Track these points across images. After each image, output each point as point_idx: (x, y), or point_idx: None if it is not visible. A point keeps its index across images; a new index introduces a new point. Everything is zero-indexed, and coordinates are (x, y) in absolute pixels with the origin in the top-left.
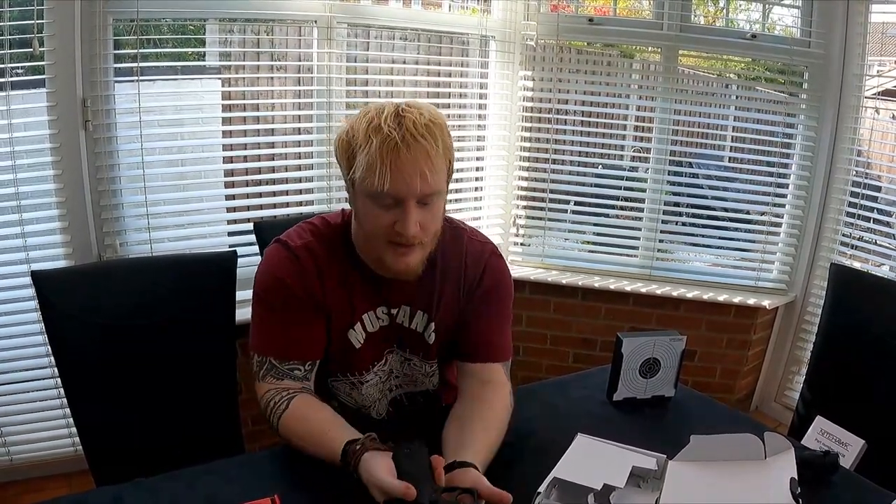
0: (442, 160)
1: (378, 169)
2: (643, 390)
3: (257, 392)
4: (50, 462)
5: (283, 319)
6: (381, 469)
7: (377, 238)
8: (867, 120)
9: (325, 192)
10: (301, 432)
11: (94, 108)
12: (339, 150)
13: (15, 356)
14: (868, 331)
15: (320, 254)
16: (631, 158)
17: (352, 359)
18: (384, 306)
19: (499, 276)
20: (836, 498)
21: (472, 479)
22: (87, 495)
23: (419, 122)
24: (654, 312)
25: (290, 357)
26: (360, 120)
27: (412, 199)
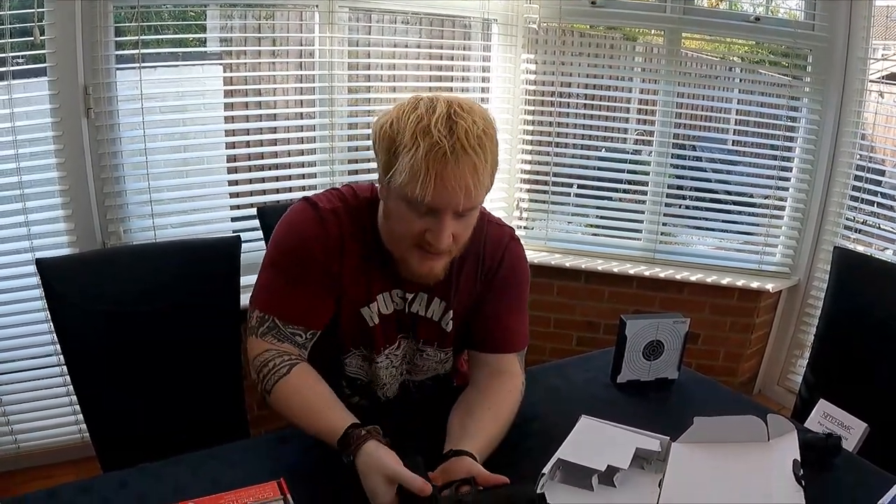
0: (489, 175)
1: (422, 178)
2: (647, 373)
3: (251, 348)
4: (57, 449)
5: (296, 281)
6: (390, 458)
7: (404, 240)
8: (871, 104)
9: (329, 177)
10: (299, 402)
11: (96, 96)
12: (379, 140)
13: (21, 344)
14: (871, 314)
15: (346, 223)
16: (634, 142)
17: (365, 335)
18: (399, 289)
19: (517, 262)
20: (839, 480)
21: (467, 467)
22: (93, 481)
23: (472, 131)
24: (657, 295)
25: (294, 321)
26: (408, 115)
27: (450, 212)
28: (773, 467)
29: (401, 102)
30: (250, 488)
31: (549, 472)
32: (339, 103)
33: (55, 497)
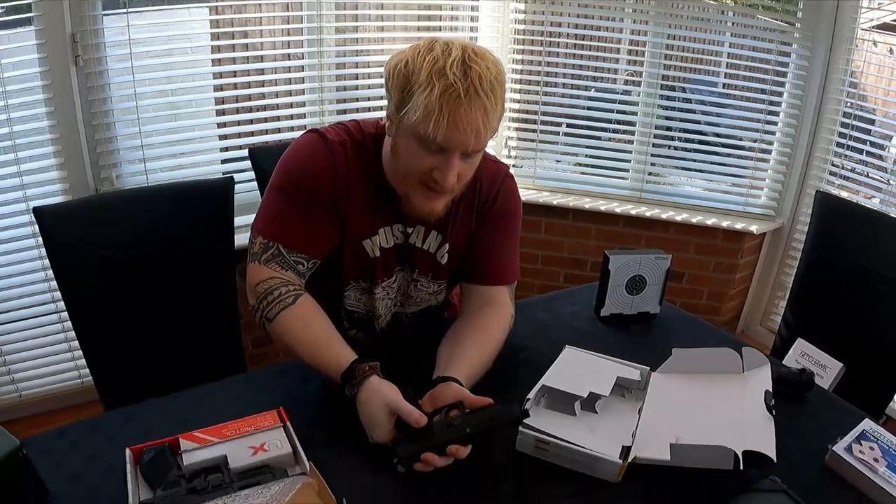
0: (497, 119)
1: (435, 117)
2: (629, 307)
3: (253, 274)
4: (57, 395)
5: (303, 209)
6: (393, 392)
7: (411, 177)
8: (862, 52)
9: (318, 117)
10: (302, 334)
11: (84, 43)
12: (393, 79)
13: (18, 294)
14: (850, 258)
15: (352, 156)
16: (624, 82)
17: (366, 267)
18: (400, 224)
19: (511, 198)
20: (811, 414)
21: (454, 392)
22: (99, 419)
23: (485, 76)
24: (643, 234)
25: (298, 248)
26: (423, 56)
27: (459, 152)
28: (747, 397)
29: (415, 44)
30: (252, 417)
31: (534, 397)
32: (328, 43)
33: (64, 436)
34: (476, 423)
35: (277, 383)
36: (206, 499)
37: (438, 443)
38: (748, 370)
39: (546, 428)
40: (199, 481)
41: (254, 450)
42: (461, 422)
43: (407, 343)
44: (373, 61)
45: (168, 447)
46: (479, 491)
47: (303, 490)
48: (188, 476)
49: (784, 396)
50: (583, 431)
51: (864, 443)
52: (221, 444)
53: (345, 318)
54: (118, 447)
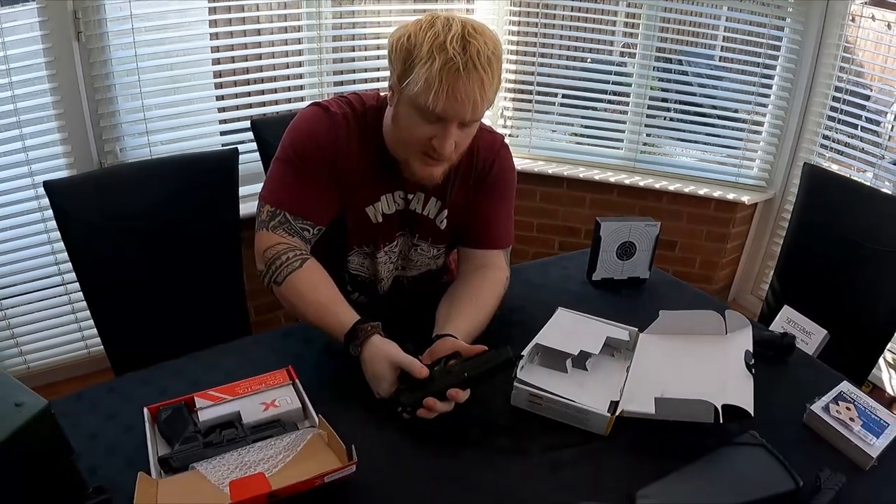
0: (493, 92)
1: (435, 89)
2: (620, 271)
3: (261, 241)
4: (64, 366)
5: (307, 178)
6: (394, 348)
7: (411, 145)
8: (856, 28)
9: (318, 88)
10: (309, 296)
11: (86, 20)
12: (395, 52)
13: (25, 267)
14: (835, 228)
15: (353, 127)
16: (620, 54)
17: (369, 233)
18: (401, 190)
19: (506, 167)
20: (792, 375)
21: (451, 344)
22: (116, 381)
23: (483, 51)
24: (637, 203)
25: (304, 215)
26: (424, 30)
27: (456, 122)
28: (728, 356)
29: (417, 19)
30: (262, 376)
31: (528, 355)
32: (326, 16)
33: (83, 398)
34: (472, 368)
35: (284, 344)
36: (221, 451)
37: (439, 388)
38: (731, 332)
39: (539, 383)
40: (215, 436)
41: (265, 406)
42: (459, 368)
43: (408, 306)
44: (370, 33)
45: (184, 405)
46: (476, 443)
47: (314, 440)
48: (204, 431)
49: (766, 359)
50: (574, 387)
51: (841, 403)
52: (234, 402)
53: (348, 281)
54: (135, 407)
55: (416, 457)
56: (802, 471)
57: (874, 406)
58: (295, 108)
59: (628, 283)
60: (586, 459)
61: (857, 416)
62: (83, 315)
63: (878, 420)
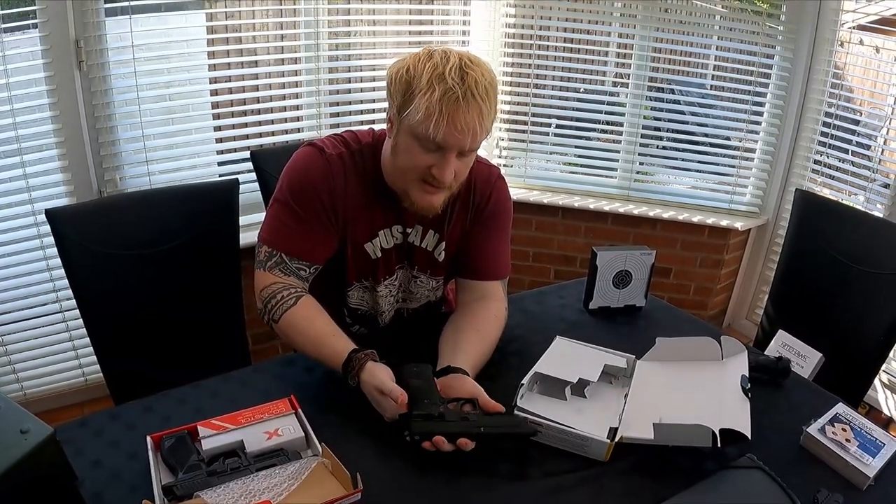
0: (491, 121)
1: (436, 117)
2: (616, 300)
3: (259, 280)
4: (61, 393)
5: (303, 220)
6: (384, 374)
7: (410, 174)
8: (845, 53)
9: (315, 119)
10: (305, 332)
11: (88, 49)
12: (394, 84)
13: (23, 294)
14: (828, 253)
15: (349, 167)
16: (613, 83)
17: (368, 268)
18: (399, 225)
19: (503, 199)
20: (787, 398)
21: (470, 389)
22: (119, 409)
23: (480, 82)
24: (631, 231)
25: (300, 256)
26: (423, 63)
27: (455, 151)
28: (725, 381)
29: (415, 53)
30: (265, 405)
31: (528, 383)
32: (323, 48)
33: (86, 425)
34: (490, 427)
35: (286, 373)
36: (225, 480)
37: (452, 432)
38: (727, 357)
39: (539, 411)
40: (218, 465)
41: (268, 435)
42: (476, 420)
43: (409, 337)
44: (366, 65)
45: (187, 434)
46: (478, 469)
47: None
48: (207, 460)
49: (762, 383)
50: (573, 414)
51: (836, 424)
52: (237, 431)
53: (348, 315)
54: (138, 434)
55: (419, 483)
56: (800, 492)
57: (870, 426)
58: (292, 140)
59: (625, 311)
60: (587, 485)
61: (854, 436)
62: (81, 342)
63: (874, 440)
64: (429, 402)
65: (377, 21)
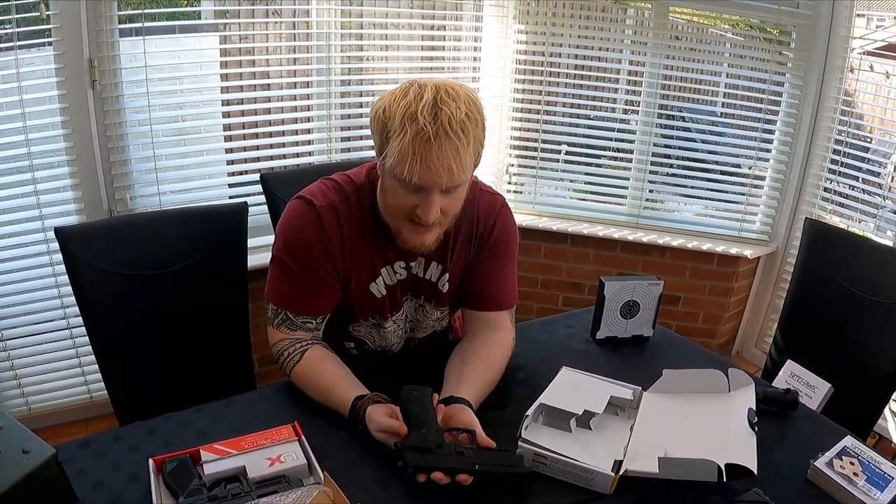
0: (471, 156)
1: (409, 160)
2: (623, 330)
3: (270, 336)
4: (66, 409)
5: (302, 277)
6: (380, 413)
7: (398, 214)
8: (854, 80)
9: (326, 143)
10: (312, 385)
11: (101, 68)
12: (373, 123)
13: (31, 310)
14: (837, 282)
15: (343, 213)
16: (623, 111)
17: (375, 306)
18: (402, 261)
19: (508, 228)
20: (796, 431)
21: (468, 420)
22: (122, 430)
23: (455, 117)
24: (640, 259)
25: (304, 312)
26: (398, 100)
27: (436, 190)
28: (731, 414)
29: (394, 88)
30: (268, 431)
31: (533, 414)
32: (335, 72)
33: (89, 445)
34: (486, 464)
35: (290, 399)
36: None
37: (447, 467)
38: (734, 390)
39: (544, 443)
40: (220, 490)
41: (270, 461)
42: (473, 455)
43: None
44: (378, 90)
45: (189, 458)
46: (481, 499)
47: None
48: (209, 485)
49: (770, 415)
50: (578, 446)
51: (844, 458)
52: (240, 456)
53: (354, 347)
54: (141, 457)
55: None
56: None
57: (878, 460)
58: (303, 163)
59: (632, 341)
60: None
61: (861, 470)
62: (87, 359)
63: (882, 474)
64: (426, 430)
65: (389, 46)
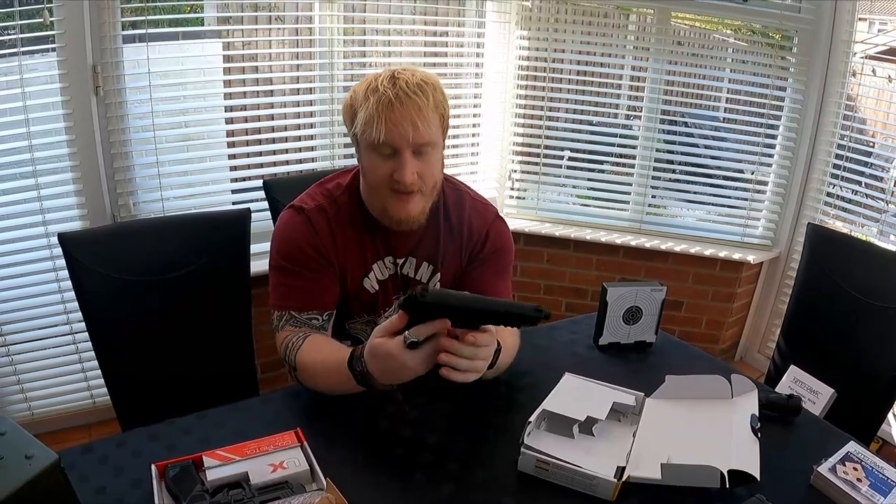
0: (433, 113)
1: (375, 122)
2: (626, 336)
3: (277, 342)
4: (69, 415)
5: (299, 277)
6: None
7: (380, 187)
8: (857, 85)
9: (329, 150)
10: (315, 362)
11: (105, 75)
12: (343, 111)
13: (34, 315)
14: (840, 287)
15: (331, 214)
16: (626, 116)
17: (368, 302)
18: (391, 256)
19: (502, 240)
20: (798, 437)
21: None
22: (125, 436)
23: (411, 81)
24: (643, 265)
25: (307, 307)
26: (361, 85)
27: (407, 149)
28: (734, 420)
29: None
30: (271, 437)
31: (535, 420)
32: (339, 78)
33: (91, 451)
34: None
35: (293, 404)
36: None
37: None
38: (736, 395)
39: (546, 449)
40: (222, 496)
41: (273, 467)
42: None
43: None
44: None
45: (192, 463)
46: None
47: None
48: (211, 491)
49: (773, 421)
50: (580, 453)
51: (848, 464)
52: (242, 462)
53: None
54: (143, 463)
55: None
56: None
57: (882, 465)
58: (306, 169)
59: (635, 347)
60: None
61: (865, 476)
62: (90, 365)
63: (886, 479)
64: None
65: (392, 52)
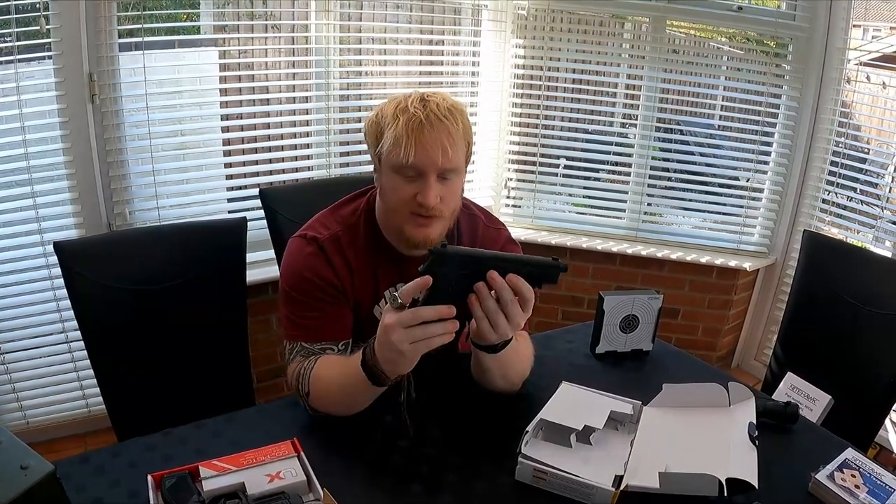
0: (461, 140)
1: (404, 143)
2: (623, 344)
3: (287, 374)
4: (64, 423)
5: (311, 308)
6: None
7: (400, 209)
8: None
9: (325, 158)
10: (331, 374)
11: (101, 83)
12: (368, 130)
13: (29, 323)
14: (837, 294)
15: (345, 242)
16: (621, 124)
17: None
18: (403, 282)
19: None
20: (796, 444)
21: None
22: (121, 446)
23: (442, 105)
24: (639, 272)
25: (320, 339)
26: (389, 104)
27: (433, 173)
28: (732, 428)
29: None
30: (267, 447)
31: (533, 430)
32: (334, 87)
33: (87, 461)
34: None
35: (290, 416)
36: None
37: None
38: (734, 403)
39: (544, 458)
40: None
41: (270, 477)
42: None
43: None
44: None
45: (188, 474)
46: None
47: None
48: (208, 501)
49: (770, 428)
50: (578, 462)
51: (846, 471)
52: (239, 472)
53: None
54: (140, 473)
55: None
56: None
57: (879, 472)
58: (302, 177)
59: (632, 355)
60: None
61: (863, 482)
62: (85, 373)
63: (884, 486)
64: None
65: (388, 60)
